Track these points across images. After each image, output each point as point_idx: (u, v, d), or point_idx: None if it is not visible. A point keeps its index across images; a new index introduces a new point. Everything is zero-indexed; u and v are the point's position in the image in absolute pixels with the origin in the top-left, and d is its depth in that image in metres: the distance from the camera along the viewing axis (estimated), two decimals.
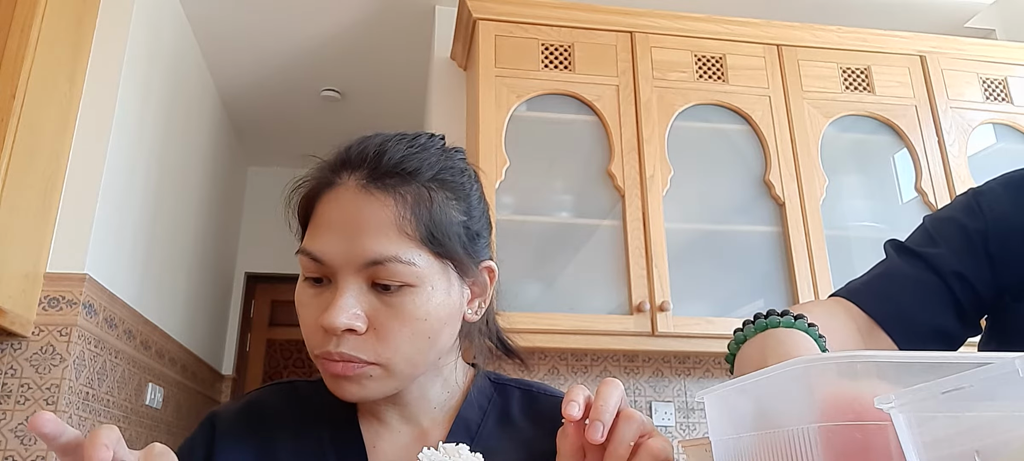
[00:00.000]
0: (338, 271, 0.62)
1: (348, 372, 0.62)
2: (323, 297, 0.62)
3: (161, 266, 2.73)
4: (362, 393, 0.63)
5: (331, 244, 0.62)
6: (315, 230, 0.64)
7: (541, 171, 2.22)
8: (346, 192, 0.63)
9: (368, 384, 0.63)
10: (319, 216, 0.64)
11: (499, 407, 0.74)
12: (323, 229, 0.63)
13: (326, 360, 0.62)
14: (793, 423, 0.41)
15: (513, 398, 0.76)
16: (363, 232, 0.61)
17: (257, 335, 4.22)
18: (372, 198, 0.62)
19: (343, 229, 0.62)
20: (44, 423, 0.45)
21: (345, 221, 0.62)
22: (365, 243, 0.61)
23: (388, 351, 0.62)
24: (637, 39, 2.32)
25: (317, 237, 0.63)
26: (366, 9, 2.81)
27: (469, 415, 0.72)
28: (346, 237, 0.61)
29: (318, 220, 0.64)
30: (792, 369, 0.41)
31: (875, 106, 2.40)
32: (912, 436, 0.34)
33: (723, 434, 0.50)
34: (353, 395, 0.63)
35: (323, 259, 0.62)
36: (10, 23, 1.84)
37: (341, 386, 0.63)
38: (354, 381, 0.62)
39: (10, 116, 1.77)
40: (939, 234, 0.83)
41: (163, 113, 2.66)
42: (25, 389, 1.91)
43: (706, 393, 0.52)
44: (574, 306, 2.07)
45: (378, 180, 0.63)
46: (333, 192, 0.64)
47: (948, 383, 0.32)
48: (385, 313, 0.61)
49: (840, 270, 2.19)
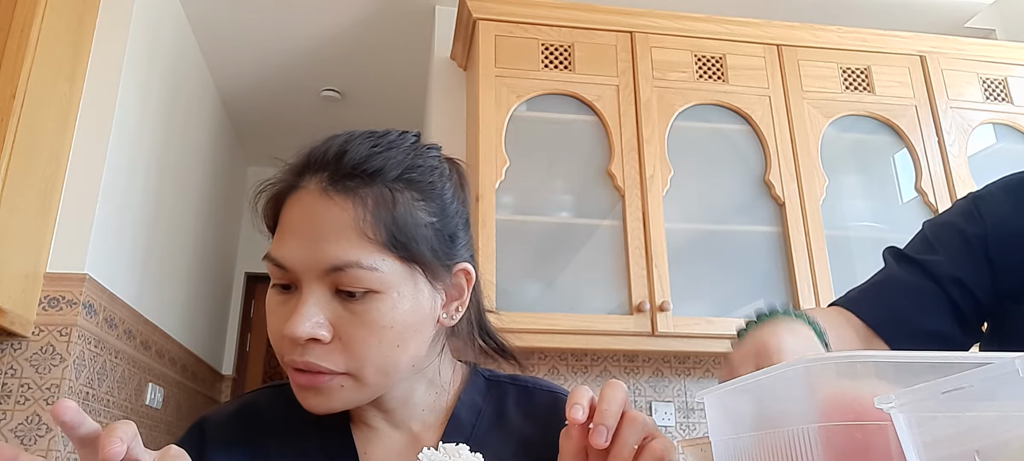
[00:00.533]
0: (301, 278, 0.60)
1: (315, 383, 0.60)
2: (289, 304, 0.61)
3: (161, 266, 2.73)
4: (328, 404, 0.61)
5: (293, 250, 0.60)
6: (279, 236, 0.62)
7: (541, 171, 2.22)
8: (307, 196, 0.61)
9: (336, 395, 0.61)
10: (283, 221, 0.62)
11: (494, 405, 0.73)
12: (286, 235, 0.61)
13: (292, 370, 0.60)
14: (793, 423, 0.41)
15: (509, 395, 0.75)
16: (323, 237, 0.59)
17: (257, 335, 4.22)
18: (331, 202, 0.60)
19: (304, 234, 0.60)
20: (65, 411, 0.45)
21: (306, 226, 0.60)
22: (325, 248, 0.59)
23: (355, 361, 0.60)
24: (637, 39, 2.32)
25: (281, 243, 0.61)
26: (366, 9, 2.81)
27: (463, 415, 0.71)
28: (307, 243, 0.59)
29: (282, 225, 0.62)
30: (792, 369, 0.41)
31: (875, 106, 2.40)
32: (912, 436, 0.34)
33: (723, 434, 0.50)
34: (319, 407, 0.61)
35: (286, 265, 0.60)
36: (10, 23, 1.84)
37: (306, 397, 0.61)
38: (320, 393, 0.60)
39: (10, 116, 1.77)
40: (938, 240, 0.82)
41: (163, 113, 2.66)
42: (25, 389, 1.91)
43: (706, 393, 0.52)
44: (574, 306, 2.07)
45: (338, 182, 0.61)
46: (295, 196, 0.62)
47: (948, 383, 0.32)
48: (350, 321, 0.59)
49: (840, 270, 2.19)
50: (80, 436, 0.47)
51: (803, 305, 2.11)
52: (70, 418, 0.45)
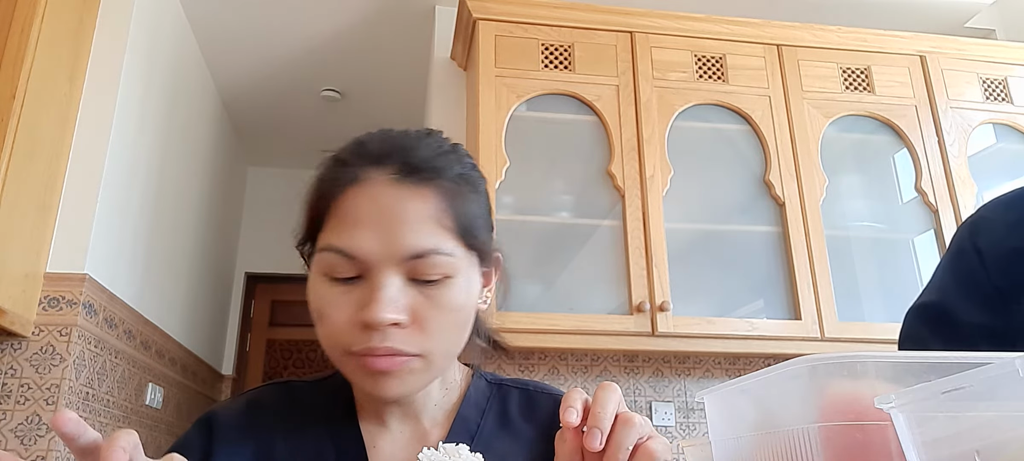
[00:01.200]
0: (375, 266, 0.61)
1: (393, 367, 0.61)
2: (355, 294, 0.61)
3: (161, 266, 2.73)
4: (402, 388, 0.63)
5: (367, 240, 0.61)
6: (342, 226, 0.62)
7: (541, 171, 2.22)
8: (376, 187, 0.62)
9: (409, 378, 0.62)
10: (345, 212, 0.62)
11: (498, 407, 0.74)
12: (354, 224, 0.61)
13: (367, 357, 0.61)
14: (793, 423, 0.41)
15: (511, 398, 0.75)
16: (402, 225, 0.61)
17: (257, 335, 4.21)
18: (407, 192, 0.62)
19: (379, 224, 0.61)
20: (65, 422, 0.45)
21: (381, 215, 0.61)
22: (406, 237, 0.61)
23: (430, 342, 0.62)
24: (637, 39, 2.32)
25: (349, 233, 0.61)
26: (366, 9, 2.81)
27: (468, 415, 0.72)
28: (383, 231, 0.61)
29: (345, 216, 0.62)
30: (792, 369, 0.41)
31: (875, 106, 2.40)
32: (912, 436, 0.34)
33: (723, 434, 0.50)
34: (394, 391, 0.62)
35: (359, 255, 0.61)
36: (10, 23, 1.84)
37: (381, 383, 0.62)
38: (396, 376, 0.62)
39: (10, 116, 1.77)
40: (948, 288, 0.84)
41: (163, 113, 2.66)
42: (25, 389, 1.91)
43: (706, 393, 0.52)
44: (574, 306, 2.07)
45: (411, 174, 0.63)
46: (360, 187, 0.63)
47: (948, 383, 0.32)
48: (425, 305, 0.61)
49: (840, 270, 2.19)
50: (80, 447, 0.47)
51: (803, 306, 2.11)
52: (70, 430, 0.45)
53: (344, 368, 0.64)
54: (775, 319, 2.12)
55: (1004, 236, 0.80)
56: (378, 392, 0.62)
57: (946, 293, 0.84)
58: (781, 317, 2.12)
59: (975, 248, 0.82)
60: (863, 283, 2.24)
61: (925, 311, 0.86)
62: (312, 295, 0.64)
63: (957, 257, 0.85)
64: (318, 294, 0.63)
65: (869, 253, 2.32)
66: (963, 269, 0.82)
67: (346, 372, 0.64)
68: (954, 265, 0.85)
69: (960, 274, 0.83)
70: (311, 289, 0.64)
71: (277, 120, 3.75)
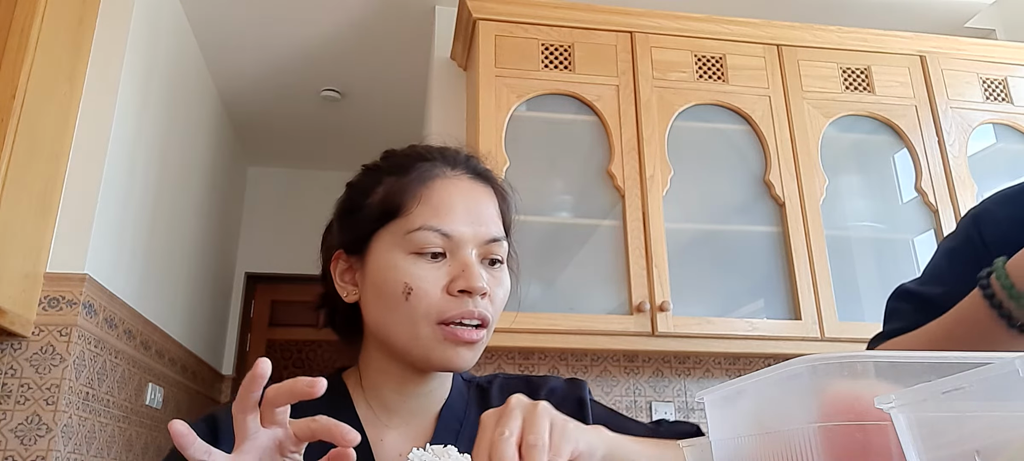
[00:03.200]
0: (463, 246, 0.70)
1: (475, 337, 0.69)
2: (444, 268, 0.70)
3: (161, 266, 2.73)
4: (473, 358, 0.71)
5: (461, 223, 0.71)
6: (437, 210, 0.71)
7: (541, 171, 2.22)
8: (461, 181, 0.74)
9: (479, 348, 0.71)
10: (439, 199, 0.72)
11: (478, 404, 0.78)
12: (447, 209, 0.71)
13: (457, 326, 0.69)
14: (793, 423, 0.41)
15: (493, 390, 0.80)
16: (484, 214, 0.73)
17: (257, 335, 4.21)
18: (484, 189, 0.76)
19: (468, 211, 0.72)
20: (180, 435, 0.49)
21: (469, 204, 0.73)
22: (488, 223, 0.73)
23: (496, 313, 0.72)
24: (637, 39, 2.32)
25: (443, 216, 0.71)
26: (366, 9, 2.81)
27: (451, 414, 0.76)
28: (472, 218, 0.72)
29: (439, 202, 0.72)
30: (792, 369, 0.41)
31: (875, 106, 2.40)
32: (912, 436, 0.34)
33: (723, 434, 0.50)
34: (468, 361, 0.70)
35: (454, 234, 0.70)
36: (10, 23, 1.84)
37: (462, 352, 0.69)
38: (473, 347, 0.70)
39: (10, 116, 1.77)
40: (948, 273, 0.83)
41: (163, 113, 2.66)
42: (25, 389, 1.91)
43: (706, 393, 0.52)
44: (574, 306, 2.07)
45: (480, 176, 0.77)
46: (447, 180, 0.74)
47: (948, 383, 0.32)
48: (492, 282, 0.72)
49: (840, 270, 2.19)
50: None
51: (803, 306, 2.11)
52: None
53: (428, 338, 0.69)
54: (775, 319, 2.12)
55: (1009, 229, 0.80)
56: (457, 360, 0.70)
57: (944, 282, 0.83)
58: (781, 317, 2.12)
59: (982, 240, 0.82)
60: (863, 283, 2.24)
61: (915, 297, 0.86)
62: (394, 273, 0.70)
63: (964, 245, 0.84)
64: (405, 270, 0.70)
65: (869, 253, 2.32)
66: (968, 259, 0.82)
67: (427, 342, 0.69)
68: (958, 254, 0.84)
69: (963, 264, 0.82)
70: (392, 267, 0.70)
71: (277, 120, 3.75)
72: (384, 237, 0.72)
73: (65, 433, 1.93)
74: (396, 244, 0.71)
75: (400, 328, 0.70)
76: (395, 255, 0.70)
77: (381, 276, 0.71)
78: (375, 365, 0.75)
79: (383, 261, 0.71)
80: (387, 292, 0.70)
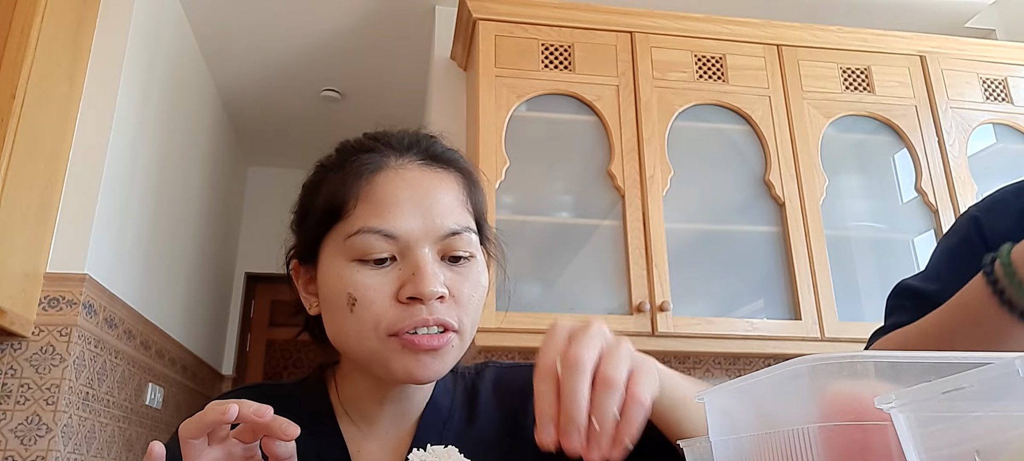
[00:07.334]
0: (414, 245, 0.62)
1: (441, 343, 0.61)
2: (393, 274, 0.62)
3: (161, 266, 2.73)
4: (441, 367, 0.63)
5: (406, 219, 0.62)
6: (378, 209, 0.62)
7: (541, 171, 2.22)
8: (407, 172, 0.65)
9: (448, 355, 0.63)
10: (380, 195, 0.63)
11: (464, 398, 0.73)
12: (392, 206, 0.62)
13: (413, 337, 0.60)
14: (793, 423, 0.41)
15: (483, 381, 0.75)
16: (438, 205, 0.64)
17: (257, 335, 4.21)
18: (437, 176, 0.66)
19: (417, 204, 0.63)
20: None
21: (417, 196, 0.63)
22: (444, 215, 0.63)
23: (465, 315, 0.63)
24: (637, 39, 2.32)
25: (387, 214, 0.62)
26: (366, 9, 2.81)
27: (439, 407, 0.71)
28: (422, 211, 0.63)
29: (380, 199, 0.63)
30: (792, 369, 0.41)
31: (875, 106, 2.40)
32: (912, 436, 0.34)
33: (723, 434, 0.50)
34: (434, 370, 0.62)
35: (400, 234, 0.62)
36: (10, 23, 1.84)
37: (425, 362, 0.61)
38: (439, 355, 0.62)
39: (10, 116, 1.77)
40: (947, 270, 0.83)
41: (163, 113, 2.66)
42: (25, 389, 1.91)
43: (706, 393, 0.52)
44: (574, 306, 2.07)
45: (435, 160, 0.67)
46: (391, 172, 0.65)
47: (948, 383, 0.32)
48: (457, 280, 0.63)
49: (840, 270, 2.19)
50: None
51: (803, 306, 2.11)
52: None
53: (382, 352, 0.61)
54: (775, 319, 2.12)
55: (1012, 227, 0.80)
56: (419, 372, 0.62)
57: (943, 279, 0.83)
58: (781, 317, 2.12)
59: (982, 238, 0.82)
60: (863, 283, 2.24)
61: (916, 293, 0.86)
62: (338, 283, 0.62)
63: (962, 244, 0.84)
64: (349, 280, 0.62)
65: (869, 253, 2.32)
66: (966, 257, 0.81)
67: (383, 356, 0.62)
68: (955, 253, 0.84)
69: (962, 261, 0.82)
70: (336, 277, 0.62)
71: (277, 120, 3.75)
72: (329, 243, 0.65)
73: (65, 433, 1.93)
74: (339, 250, 0.63)
75: (352, 342, 0.63)
76: (338, 262, 0.63)
77: (327, 287, 0.64)
78: (350, 377, 0.70)
79: (328, 270, 0.64)
80: (333, 304, 0.63)
